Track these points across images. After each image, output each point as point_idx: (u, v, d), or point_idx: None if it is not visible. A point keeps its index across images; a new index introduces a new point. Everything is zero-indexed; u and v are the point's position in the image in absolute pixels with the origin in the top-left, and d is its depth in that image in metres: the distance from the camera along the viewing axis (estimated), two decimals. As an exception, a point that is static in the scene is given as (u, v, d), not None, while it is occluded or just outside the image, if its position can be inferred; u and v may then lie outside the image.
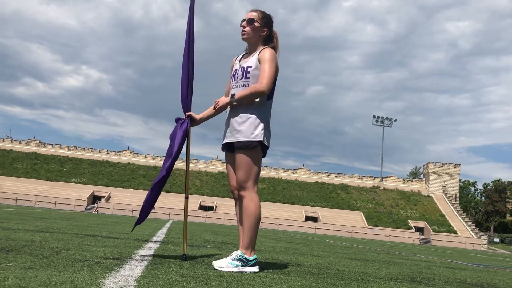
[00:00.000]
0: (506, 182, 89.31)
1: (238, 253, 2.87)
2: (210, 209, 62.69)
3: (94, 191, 62.64)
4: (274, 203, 65.91)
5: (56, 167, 68.72)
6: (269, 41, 3.16)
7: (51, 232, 5.22)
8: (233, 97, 2.99)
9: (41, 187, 61.24)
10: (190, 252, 4.10)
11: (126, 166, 73.06)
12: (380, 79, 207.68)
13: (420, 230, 63.10)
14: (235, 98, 2.97)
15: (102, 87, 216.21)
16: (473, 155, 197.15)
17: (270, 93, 3.06)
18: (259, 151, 2.98)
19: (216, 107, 3.11)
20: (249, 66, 3.05)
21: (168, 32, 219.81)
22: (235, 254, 2.86)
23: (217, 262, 2.85)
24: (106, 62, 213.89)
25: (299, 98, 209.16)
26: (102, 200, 60.27)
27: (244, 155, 2.93)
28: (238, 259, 2.83)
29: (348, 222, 62.20)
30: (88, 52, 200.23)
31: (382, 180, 78.67)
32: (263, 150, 3.01)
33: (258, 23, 3.09)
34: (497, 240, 68.49)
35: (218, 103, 3.09)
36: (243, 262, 2.83)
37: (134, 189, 64.85)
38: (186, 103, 3.27)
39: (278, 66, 3.05)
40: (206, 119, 3.32)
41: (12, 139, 73.75)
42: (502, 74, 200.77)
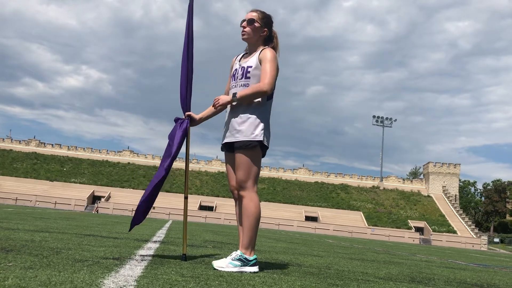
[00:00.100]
0: (506, 182, 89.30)
1: (238, 253, 2.87)
2: (210, 209, 62.71)
3: (94, 191, 62.66)
4: (274, 203, 65.92)
5: (56, 167, 68.73)
6: (269, 41, 3.17)
7: (51, 232, 5.22)
8: (234, 96, 2.97)
9: (41, 187, 61.25)
10: (190, 252, 4.10)
11: (126, 166, 73.08)
12: (380, 79, 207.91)
13: (420, 230, 63.12)
14: (237, 97, 2.95)
15: (102, 87, 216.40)
16: (473, 155, 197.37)
17: (270, 93, 3.06)
18: (259, 151, 2.98)
19: (216, 105, 3.06)
20: (249, 66, 3.05)
21: (168, 32, 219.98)
22: (235, 254, 2.86)
23: (217, 262, 2.85)
24: (106, 62, 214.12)
25: (299, 98, 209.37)
26: (102, 200, 60.28)
27: (244, 155, 2.93)
28: (238, 259, 2.83)
29: (348, 222, 62.22)
30: (88, 52, 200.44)
31: (382, 180, 78.69)
32: (263, 150, 3.01)
33: (258, 23, 3.09)
34: (497, 240, 68.50)
35: (218, 101, 3.05)
36: (243, 262, 2.83)
37: (134, 189, 64.84)
38: (185, 103, 3.26)
39: (278, 67, 3.05)
40: (206, 119, 3.32)
41: (12, 139, 73.76)
42: (502, 74, 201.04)
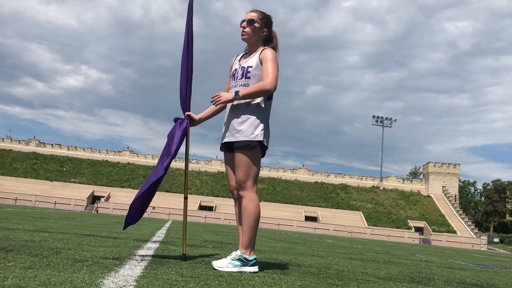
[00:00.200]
0: (506, 182, 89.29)
1: (237, 253, 2.87)
2: (210, 209, 62.70)
3: (93, 191, 62.66)
4: (273, 203, 65.93)
5: (55, 167, 68.72)
6: (269, 41, 3.16)
7: (51, 232, 5.22)
8: (237, 94, 2.92)
9: (40, 187, 61.25)
10: (190, 252, 4.10)
11: (125, 166, 73.07)
12: (379, 79, 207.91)
13: (419, 230, 63.14)
14: (240, 95, 2.91)
15: (101, 87, 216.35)
16: (472, 155, 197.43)
17: (273, 92, 3.06)
18: (259, 151, 2.98)
19: (217, 102, 2.99)
20: (249, 66, 3.04)
21: (167, 31, 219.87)
22: (235, 254, 2.86)
23: (216, 262, 2.85)
24: (105, 61, 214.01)
25: (299, 98, 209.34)
26: (102, 200, 60.29)
27: (243, 155, 2.93)
28: (238, 259, 2.83)
29: (347, 222, 62.23)
30: (87, 52, 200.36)
31: (382, 180, 78.71)
32: (262, 150, 3.01)
33: (258, 24, 3.09)
34: (496, 240, 68.51)
35: (219, 98, 2.97)
36: (243, 262, 2.83)
37: (133, 189, 64.81)
38: (185, 103, 3.25)
39: (278, 67, 3.05)
40: (205, 119, 3.32)
41: (11, 139, 73.76)
42: (501, 74, 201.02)
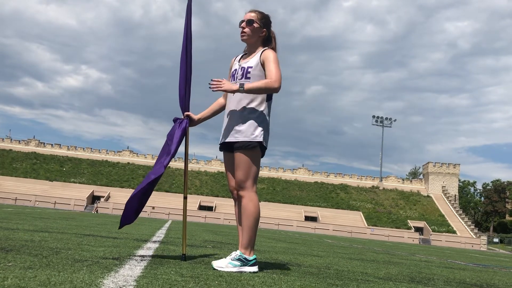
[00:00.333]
0: (506, 182, 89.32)
1: (237, 253, 2.87)
2: (210, 209, 62.70)
3: (93, 191, 62.65)
4: (273, 203, 65.93)
5: (55, 167, 68.71)
6: (268, 41, 3.16)
7: (51, 232, 5.22)
8: (242, 86, 2.87)
9: (40, 187, 61.24)
10: (190, 252, 4.10)
11: (125, 166, 73.06)
12: (379, 79, 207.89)
13: (419, 230, 63.15)
14: (245, 88, 2.86)
15: (101, 87, 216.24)
16: (472, 155, 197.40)
17: (270, 94, 3.06)
18: (258, 152, 2.98)
19: (216, 88, 2.90)
20: (249, 67, 3.03)
21: (167, 31, 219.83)
22: (235, 254, 2.86)
23: (216, 262, 2.85)
24: (105, 61, 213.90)
25: (299, 98, 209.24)
26: (102, 200, 60.28)
27: (243, 155, 2.93)
28: (238, 259, 2.83)
29: (347, 222, 62.24)
30: (87, 52, 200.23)
31: (382, 180, 78.72)
32: (262, 150, 3.01)
33: (257, 24, 3.08)
34: (496, 240, 68.54)
35: (220, 85, 2.90)
36: (243, 262, 2.83)
37: (133, 189, 64.62)
38: (184, 103, 3.25)
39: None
40: (205, 119, 3.32)
41: (11, 139, 73.74)
42: (501, 74, 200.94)
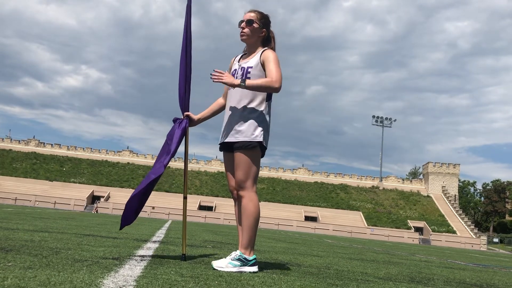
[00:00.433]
0: (505, 182, 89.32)
1: (237, 253, 2.87)
2: (210, 209, 62.71)
3: (93, 191, 62.66)
4: (273, 203, 65.94)
5: (55, 167, 68.71)
6: (267, 41, 3.16)
7: (51, 232, 5.22)
8: (243, 81, 2.88)
9: (40, 187, 61.24)
10: (190, 252, 4.10)
11: (125, 166, 73.06)
12: (379, 79, 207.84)
13: (419, 230, 63.15)
14: (246, 84, 2.87)
15: (101, 87, 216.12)
16: (472, 155, 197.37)
17: (269, 94, 3.06)
18: (259, 152, 2.98)
19: (218, 79, 2.92)
20: (249, 67, 3.03)
21: (167, 31, 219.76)
22: (235, 254, 2.86)
23: (216, 262, 2.85)
24: (105, 61, 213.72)
25: (299, 98, 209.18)
26: (102, 200, 60.29)
27: (243, 155, 2.93)
28: (238, 259, 2.83)
29: (347, 222, 62.24)
30: (87, 51, 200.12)
31: (382, 180, 78.72)
32: (262, 150, 3.01)
33: (257, 24, 3.08)
34: (496, 240, 68.56)
35: (222, 77, 2.92)
36: (243, 262, 2.83)
37: (133, 189, 64.67)
38: (184, 103, 3.25)
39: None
40: (205, 119, 3.32)
41: (11, 139, 73.74)
42: (501, 74, 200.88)
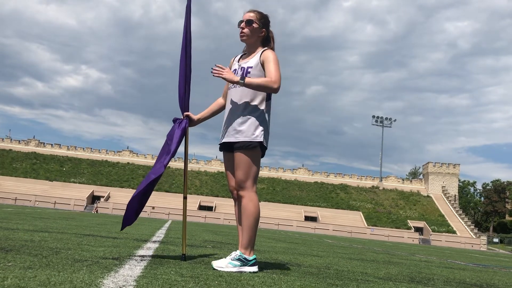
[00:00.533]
0: (505, 182, 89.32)
1: (237, 253, 2.87)
2: (210, 209, 62.70)
3: (93, 191, 62.66)
4: (273, 203, 65.94)
5: (55, 167, 68.70)
6: (267, 41, 3.16)
7: (51, 232, 5.22)
8: (242, 79, 2.89)
9: (40, 187, 61.24)
10: (190, 252, 4.10)
11: (125, 166, 73.06)
12: (379, 79, 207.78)
13: (419, 230, 63.15)
14: (245, 81, 2.88)
15: (101, 87, 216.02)
16: (472, 155, 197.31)
17: (269, 94, 3.06)
18: (259, 152, 2.98)
19: (218, 74, 2.94)
20: (249, 67, 3.04)
21: (167, 31, 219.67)
22: (235, 254, 2.86)
23: (216, 262, 2.85)
24: (105, 61, 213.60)
25: (299, 98, 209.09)
26: (102, 200, 60.28)
27: (244, 155, 2.93)
28: (238, 259, 2.83)
29: (347, 222, 62.24)
30: (87, 51, 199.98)
31: (382, 180, 78.72)
32: (262, 150, 3.01)
33: (256, 24, 3.08)
34: (496, 240, 68.56)
35: (222, 72, 2.94)
36: (243, 262, 2.83)
37: (133, 189, 64.73)
38: (184, 103, 3.25)
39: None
40: (204, 120, 3.32)
41: (11, 139, 73.73)
42: (501, 74, 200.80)
